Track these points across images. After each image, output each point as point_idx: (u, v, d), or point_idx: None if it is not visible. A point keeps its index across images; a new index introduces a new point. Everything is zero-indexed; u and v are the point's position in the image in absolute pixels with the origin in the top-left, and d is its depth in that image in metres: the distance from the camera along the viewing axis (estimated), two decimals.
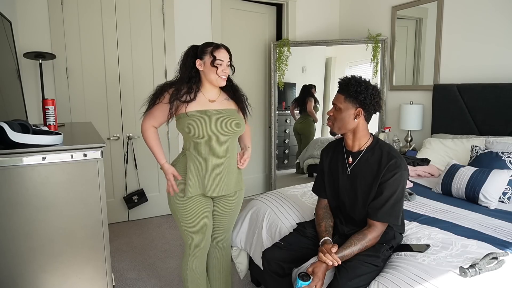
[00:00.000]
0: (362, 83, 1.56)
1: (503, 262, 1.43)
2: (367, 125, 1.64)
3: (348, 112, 1.58)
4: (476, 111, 2.97)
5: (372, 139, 1.66)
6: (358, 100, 1.56)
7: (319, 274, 1.43)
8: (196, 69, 1.72)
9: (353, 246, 1.49)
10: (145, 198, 3.52)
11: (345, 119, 1.59)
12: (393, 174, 1.53)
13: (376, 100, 1.58)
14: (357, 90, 1.55)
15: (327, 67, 4.06)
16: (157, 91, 1.74)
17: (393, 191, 1.53)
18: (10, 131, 1.25)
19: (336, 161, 1.72)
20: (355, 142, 1.64)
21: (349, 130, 1.62)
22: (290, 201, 2.19)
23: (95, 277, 1.45)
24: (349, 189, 1.65)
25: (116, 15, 3.28)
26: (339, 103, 1.60)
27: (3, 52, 2.08)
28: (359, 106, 1.57)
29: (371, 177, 1.58)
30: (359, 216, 1.63)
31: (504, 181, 2.20)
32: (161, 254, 2.85)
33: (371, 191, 1.57)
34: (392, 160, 1.54)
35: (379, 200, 1.54)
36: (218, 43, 1.74)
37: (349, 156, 1.66)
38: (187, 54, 1.75)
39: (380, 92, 1.63)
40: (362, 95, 1.55)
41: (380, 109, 1.63)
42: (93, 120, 3.25)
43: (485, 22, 2.97)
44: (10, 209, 1.27)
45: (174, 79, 1.76)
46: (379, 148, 1.61)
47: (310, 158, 4.06)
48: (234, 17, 3.92)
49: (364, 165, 1.61)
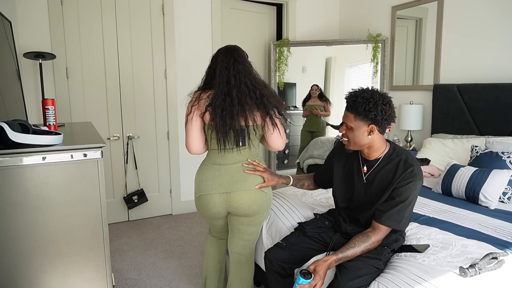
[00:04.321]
0: (370, 99, 1.48)
1: (503, 262, 1.43)
2: (382, 136, 1.59)
3: (360, 130, 1.53)
4: (476, 111, 2.97)
5: (389, 146, 1.62)
6: (369, 118, 1.50)
7: (321, 273, 1.43)
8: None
9: (356, 247, 1.49)
10: (145, 198, 3.52)
11: (359, 137, 1.54)
12: (408, 182, 1.51)
13: (389, 114, 1.51)
14: (365, 108, 1.48)
15: (327, 67, 4.06)
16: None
17: (404, 198, 1.51)
18: (10, 131, 1.25)
19: (351, 167, 1.69)
20: (372, 153, 1.61)
21: (365, 146, 1.58)
22: (290, 201, 2.19)
23: (95, 277, 1.45)
24: (363, 194, 1.63)
25: (116, 15, 3.28)
26: (349, 122, 1.54)
27: (3, 52, 2.08)
28: (371, 123, 1.51)
29: (386, 183, 1.56)
30: (366, 218, 1.62)
31: (504, 181, 2.20)
32: (161, 254, 2.85)
33: (383, 196, 1.55)
34: (409, 168, 1.51)
35: (388, 204, 1.53)
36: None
37: (364, 165, 1.63)
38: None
39: (391, 102, 1.54)
40: (372, 113, 1.48)
41: (394, 120, 1.55)
42: (93, 120, 3.25)
43: (485, 22, 2.97)
44: (10, 209, 1.27)
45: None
46: (396, 155, 1.57)
47: (310, 158, 4.05)
48: (234, 17, 3.92)
49: (380, 173, 1.58)
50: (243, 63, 1.67)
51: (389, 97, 1.55)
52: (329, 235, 1.73)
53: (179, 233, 3.25)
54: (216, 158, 1.73)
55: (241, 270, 1.90)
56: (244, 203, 1.72)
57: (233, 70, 1.63)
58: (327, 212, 1.88)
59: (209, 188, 1.73)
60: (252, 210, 1.74)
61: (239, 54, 1.68)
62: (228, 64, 1.64)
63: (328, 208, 2.02)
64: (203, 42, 3.67)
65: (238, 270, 1.90)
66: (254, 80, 1.64)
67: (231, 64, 1.64)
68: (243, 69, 1.65)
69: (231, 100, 1.60)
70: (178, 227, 3.39)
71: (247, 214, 1.75)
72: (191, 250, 2.91)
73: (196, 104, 1.68)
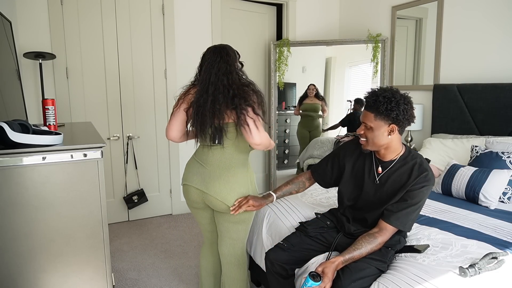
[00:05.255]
0: (392, 99, 1.47)
1: (502, 262, 1.43)
2: (400, 137, 1.58)
3: (380, 130, 1.51)
4: (476, 111, 2.97)
5: (404, 149, 1.61)
6: (390, 117, 1.48)
7: (329, 275, 1.41)
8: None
9: (363, 248, 1.48)
10: (145, 198, 3.52)
11: (378, 137, 1.53)
12: (421, 186, 1.51)
13: (410, 113, 1.50)
14: (387, 107, 1.47)
15: (327, 67, 4.06)
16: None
17: (416, 201, 1.51)
18: (10, 131, 1.25)
19: (362, 166, 1.67)
20: (388, 154, 1.60)
21: (383, 146, 1.57)
22: (290, 201, 2.19)
23: (95, 277, 1.45)
24: (373, 195, 1.62)
25: (116, 15, 3.28)
26: (369, 122, 1.53)
27: (3, 52, 2.08)
28: (392, 123, 1.50)
29: (399, 186, 1.55)
30: (373, 218, 1.61)
31: (504, 181, 2.20)
32: (161, 254, 2.85)
33: (395, 197, 1.55)
34: (423, 173, 1.51)
35: (398, 205, 1.53)
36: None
37: (379, 166, 1.62)
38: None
39: (412, 103, 1.53)
40: (394, 112, 1.47)
41: (414, 120, 1.55)
42: (93, 120, 3.25)
43: (485, 22, 2.97)
44: (10, 209, 1.27)
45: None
46: (412, 158, 1.57)
47: (310, 158, 4.05)
48: (234, 17, 3.92)
49: (394, 174, 1.58)
50: (228, 61, 1.68)
51: (410, 97, 1.55)
52: (331, 235, 1.72)
53: (179, 233, 3.25)
54: (200, 154, 1.80)
55: (233, 271, 1.90)
56: (217, 203, 1.74)
57: (215, 68, 1.66)
58: (328, 212, 1.87)
59: (189, 179, 1.80)
60: (227, 209, 1.75)
61: (226, 52, 1.70)
62: (213, 62, 1.67)
63: (328, 208, 2.01)
64: (203, 42, 3.67)
65: (230, 271, 1.90)
66: (231, 79, 1.65)
67: (216, 62, 1.67)
68: (225, 68, 1.66)
69: (206, 97, 1.64)
70: (178, 227, 3.39)
71: (225, 211, 1.76)
72: (191, 250, 2.91)
73: (182, 98, 1.75)
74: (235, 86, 1.64)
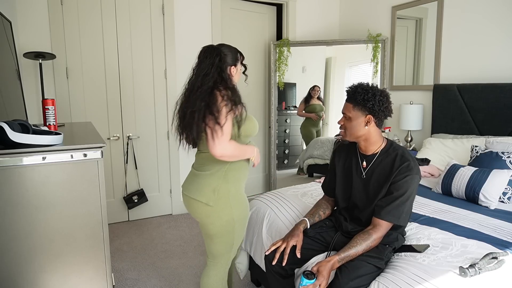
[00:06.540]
0: (369, 90, 1.57)
1: (503, 262, 1.43)
2: (379, 130, 1.64)
3: (358, 120, 1.59)
4: (476, 111, 2.97)
5: (386, 142, 1.67)
6: (366, 107, 1.57)
7: (324, 273, 1.43)
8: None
9: (358, 246, 1.50)
10: (145, 198, 3.52)
11: (356, 127, 1.60)
12: (404, 176, 1.54)
13: (385, 106, 1.58)
14: (364, 98, 1.56)
15: (327, 67, 4.06)
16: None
17: (402, 193, 1.54)
18: (10, 131, 1.25)
19: (350, 164, 1.73)
20: (369, 147, 1.66)
21: (360, 137, 1.63)
22: (290, 201, 2.19)
23: (95, 277, 1.45)
24: (362, 191, 1.66)
25: (116, 15, 3.28)
26: (348, 112, 1.62)
27: (3, 52, 2.08)
28: (368, 113, 1.58)
29: (384, 178, 1.59)
30: (366, 216, 1.64)
31: (504, 181, 2.20)
32: (161, 254, 2.85)
33: (381, 191, 1.59)
34: (405, 163, 1.56)
35: (386, 199, 1.56)
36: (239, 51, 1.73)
37: (363, 160, 1.67)
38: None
39: (389, 97, 1.62)
40: (370, 102, 1.55)
41: (390, 114, 1.62)
42: (93, 120, 3.25)
43: (485, 22, 2.97)
44: (10, 209, 1.27)
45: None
46: (393, 150, 1.62)
47: (310, 158, 4.06)
48: (234, 17, 3.92)
49: (378, 168, 1.62)
50: (212, 62, 1.58)
51: (387, 92, 1.63)
52: (330, 234, 1.73)
53: (179, 233, 3.25)
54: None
55: (205, 274, 1.75)
56: (189, 202, 1.67)
57: (200, 69, 1.60)
58: None
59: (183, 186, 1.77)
60: (198, 218, 1.67)
61: (216, 53, 1.61)
62: (199, 63, 1.63)
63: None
64: (203, 42, 3.62)
65: (205, 272, 1.77)
66: (202, 80, 1.55)
67: (200, 62, 1.62)
68: (204, 68, 1.58)
69: (182, 98, 1.61)
70: (178, 227, 3.39)
71: (199, 216, 1.66)
72: (191, 250, 2.91)
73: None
74: (201, 89, 1.52)
